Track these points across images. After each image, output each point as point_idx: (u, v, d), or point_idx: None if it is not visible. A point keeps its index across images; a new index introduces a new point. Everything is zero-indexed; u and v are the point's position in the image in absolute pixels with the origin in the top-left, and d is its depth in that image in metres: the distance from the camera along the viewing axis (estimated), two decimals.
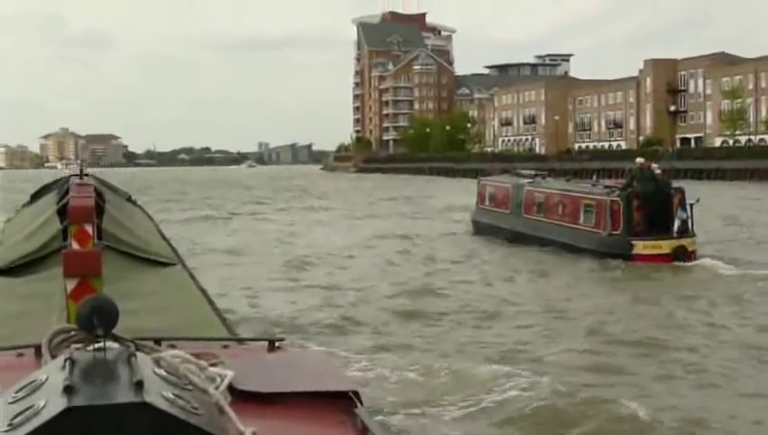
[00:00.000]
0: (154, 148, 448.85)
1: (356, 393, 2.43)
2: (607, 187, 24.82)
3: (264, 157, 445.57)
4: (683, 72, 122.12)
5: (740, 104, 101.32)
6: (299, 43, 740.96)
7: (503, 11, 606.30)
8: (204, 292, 4.74)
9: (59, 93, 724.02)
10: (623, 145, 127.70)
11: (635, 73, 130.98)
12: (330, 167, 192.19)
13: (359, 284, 20.57)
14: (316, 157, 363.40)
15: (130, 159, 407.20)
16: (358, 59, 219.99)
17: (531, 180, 29.22)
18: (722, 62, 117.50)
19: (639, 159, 24.63)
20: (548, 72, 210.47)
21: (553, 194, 26.73)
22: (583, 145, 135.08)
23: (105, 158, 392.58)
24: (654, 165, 24.22)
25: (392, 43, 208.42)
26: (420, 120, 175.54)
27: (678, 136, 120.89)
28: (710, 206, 32.46)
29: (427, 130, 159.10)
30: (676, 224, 22.28)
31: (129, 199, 7.06)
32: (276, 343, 2.88)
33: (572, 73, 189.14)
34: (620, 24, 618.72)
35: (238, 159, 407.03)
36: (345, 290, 19.63)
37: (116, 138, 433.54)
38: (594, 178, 31.17)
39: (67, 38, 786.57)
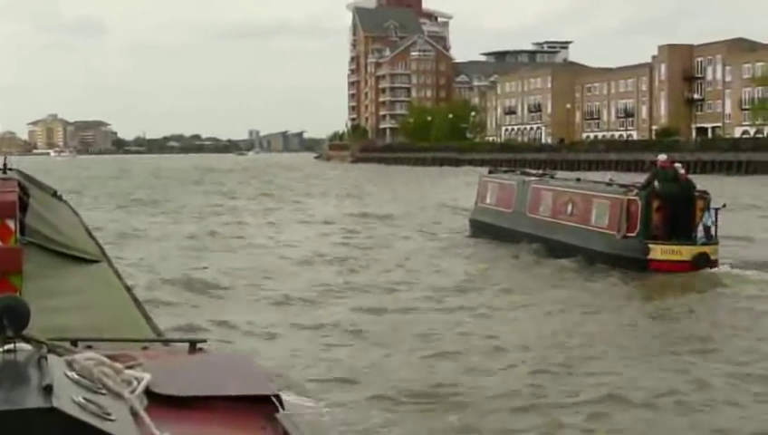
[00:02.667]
0: (143, 135, 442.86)
1: (278, 397, 2.40)
2: (623, 185, 22.65)
3: (254, 144, 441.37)
4: (700, 59, 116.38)
5: None
6: (290, 30, 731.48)
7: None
8: (129, 290, 4.46)
9: (51, 81, 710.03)
10: (634, 135, 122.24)
11: (638, 60, 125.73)
12: (325, 156, 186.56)
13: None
14: (308, 145, 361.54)
15: (120, 146, 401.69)
16: (353, 45, 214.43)
17: (538, 178, 27.53)
18: (741, 47, 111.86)
19: (662, 156, 22.48)
20: (546, 60, 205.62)
21: (563, 192, 24.90)
22: (592, 135, 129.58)
23: (94, 145, 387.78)
24: (677, 164, 22.11)
25: (389, 29, 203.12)
26: (420, 108, 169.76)
27: (695, 126, 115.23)
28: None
29: (428, 118, 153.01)
30: (700, 229, 20.34)
31: (54, 195, 6.28)
32: (198, 345, 2.76)
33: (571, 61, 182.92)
34: (613, 12, 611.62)
35: (228, 146, 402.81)
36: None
37: (105, 124, 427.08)
38: (609, 177, 28.02)
39: (60, 25, 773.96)
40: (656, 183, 20.97)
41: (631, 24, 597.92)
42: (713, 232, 20.50)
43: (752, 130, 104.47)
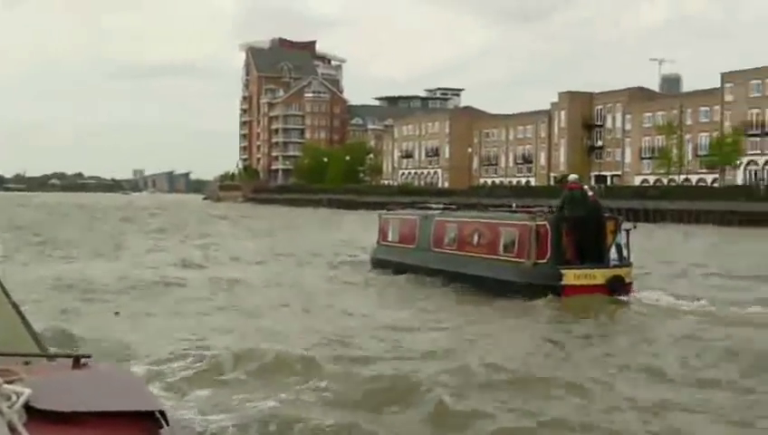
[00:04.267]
0: (24, 172, 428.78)
1: (162, 413, 2.38)
2: (529, 211, 22.26)
3: (139, 184, 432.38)
4: (600, 107, 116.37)
5: (674, 140, 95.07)
6: (176, 70, 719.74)
7: (383, 48, 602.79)
8: (15, 305, 4.06)
9: None
10: (533, 181, 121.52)
11: (529, 109, 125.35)
12: (215, 196, 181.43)
13: None
14: (194, 186, 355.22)
15: None
16: (246, 84, 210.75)
17: (440, 212, 26.69)
18: (640, 97, 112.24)
19: (573, 176, 22.47)
20: (438, 106, 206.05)
21: (468, 223, 23.99)
22: (489, 181, 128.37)
23: None
24: (586, 186, 21.89)
25: (283, 70, 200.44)
26: (316, 149, 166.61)
27: (594, 173, 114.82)
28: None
29: (324, 159, 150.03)
30: (612, 252, 19.97)
31: None
32: (82, 360, 2.76)
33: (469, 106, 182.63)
34: (505, 64, 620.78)
35: (112, 185, 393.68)
36: None
37: None
38: (514, 205, 28.74)
39: None
40: (565, 207, 20.33)
41: (523, 76, 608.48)
42: (625, 254, 20.07)
43: (651, 179, 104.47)
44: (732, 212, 70.83)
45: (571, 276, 19.54)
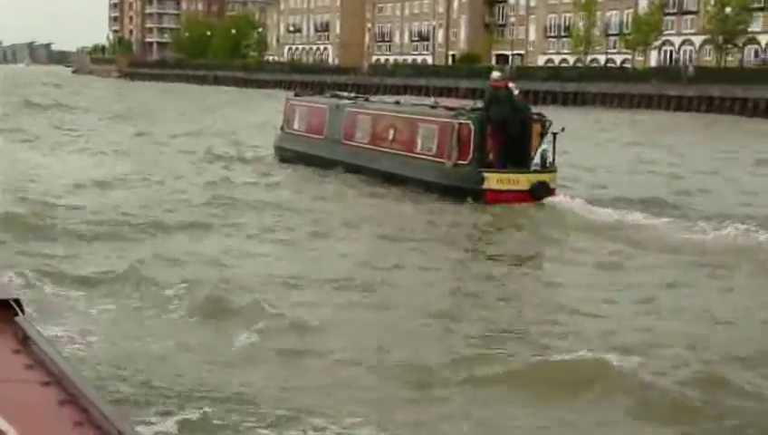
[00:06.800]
0: None
1: (17, 301, 2.41)
2: (450, 108, 21.03)
3: None
4: None
5: (593, 18, 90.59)
6: None
7: None
8: None
9: None
10: (429, 60, 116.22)
11: None
12: (85, 69, 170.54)
13: None
14: (56, 58, 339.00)
15: None
16: None
17: (352, 101, 25.46)
18: None
19: (496, 74, 21.09)
20: None
21: (383, 116, 22.84)
22: (383, 59, 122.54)
23: None
24: (511, 84, 20.21)
25: None
26: (196, 21, 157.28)
27: (495, 52, 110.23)
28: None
29: (207, 33, 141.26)
30: (538, 156, 18.89)
31: None
32: None
33: None
34: None
35: None
36: None
37: None
38: (433, 99, 26.87)
39: None
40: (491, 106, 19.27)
41: None
42: (551, 159, 19.05)
43: (557, 59, 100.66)
44: (661, 96, 67.46)
45: (493, 180, 18.81)
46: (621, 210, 17.72)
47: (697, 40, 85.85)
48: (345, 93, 30.09)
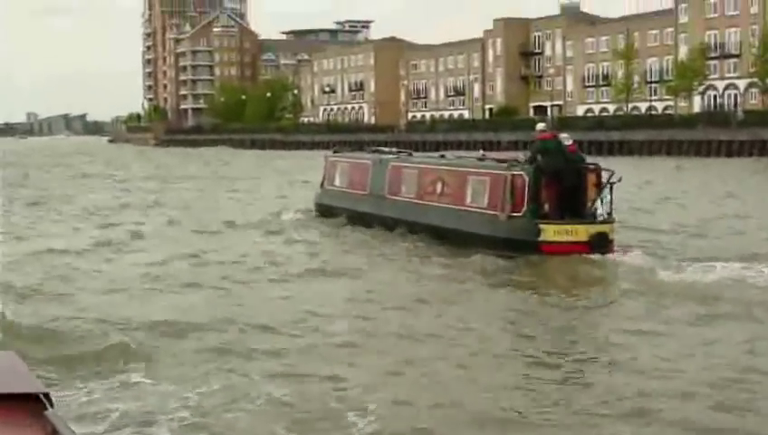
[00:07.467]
0: None
1: (47, 395, 2.43)
2: (501, 160, 20.51)
3: (33, 128, 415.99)
4: (537, 33, 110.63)
5: (633, 66, 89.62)
6: (68, 10, 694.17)
7: None
8: None
9: None
10: (465, 114, 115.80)
11: (453, 39, 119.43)
12: (121, 138, 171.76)
13: None
14: (91, 128, 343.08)
15: None
16: (149, 20, 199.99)
17: (396, 156, 25.28)
18: (580, 21, 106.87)
19: (541, 125, 20.97)
20: (348, 39, 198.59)
21: (430, 169, 22.55)
22: (419, 115, 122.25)
23: None
24: (563, 135, 19.89)
25: (187, 3, 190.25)
26: (230, 86, 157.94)
27: (532, 104, 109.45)
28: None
29: (242, 97, 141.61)
30: (595, 207, 18.40)
31: None
32: None
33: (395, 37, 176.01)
34: None
35: (5, 129, 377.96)
36: None
37: None
38: (481, 152, 25.92)
39: None
40: (539, 157, 18.92)
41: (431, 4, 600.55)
42: (609, 209, 18.60)
43: (596, 109, 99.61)
44: (711, 142, 66.03)
45: (550, 232, 18.30)
46: (696, 264, 17.01)
47: (742, 83, 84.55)
48: (387, 149, 29.82)
